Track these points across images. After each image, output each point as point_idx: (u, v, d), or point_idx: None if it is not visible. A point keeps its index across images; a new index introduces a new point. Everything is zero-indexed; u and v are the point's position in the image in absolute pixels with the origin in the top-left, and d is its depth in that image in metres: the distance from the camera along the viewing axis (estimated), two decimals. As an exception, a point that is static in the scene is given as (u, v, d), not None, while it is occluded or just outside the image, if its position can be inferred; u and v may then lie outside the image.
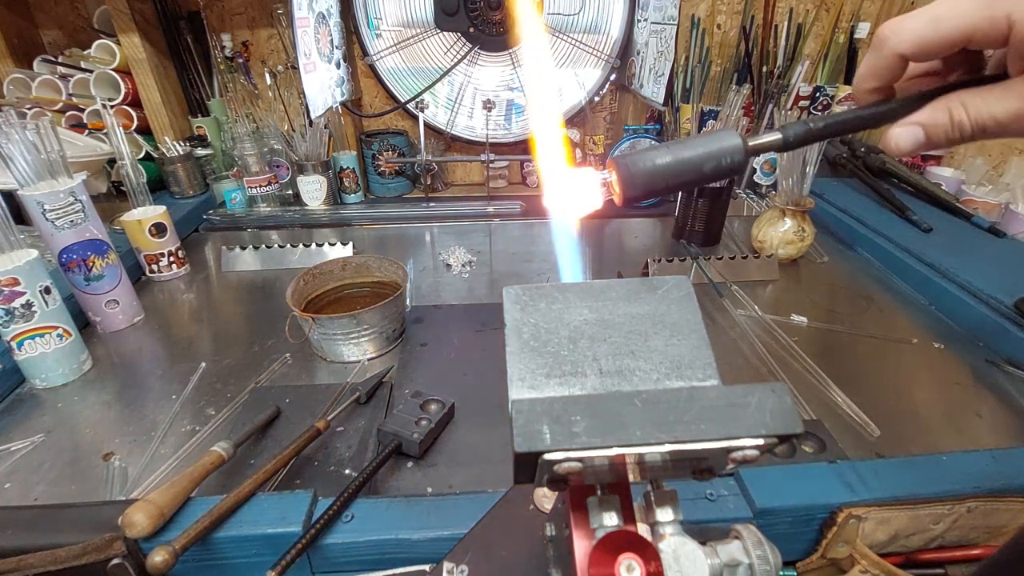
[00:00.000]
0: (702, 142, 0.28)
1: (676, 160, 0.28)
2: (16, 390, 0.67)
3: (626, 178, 0.28)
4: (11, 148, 0.66)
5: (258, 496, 0.47)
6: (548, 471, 0.22)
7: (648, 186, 0.28)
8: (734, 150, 0.28)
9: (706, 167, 0.28)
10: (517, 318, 0.27)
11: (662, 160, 0.28)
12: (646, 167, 0.28)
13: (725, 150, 0.28)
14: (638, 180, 0.28)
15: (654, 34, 1.03)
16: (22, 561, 0.41)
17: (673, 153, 0.28)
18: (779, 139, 0.29)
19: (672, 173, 0.28)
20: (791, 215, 0.90)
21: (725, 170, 0.28)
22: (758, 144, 0.29)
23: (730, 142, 0.28)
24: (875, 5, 1.18)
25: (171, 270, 0.92)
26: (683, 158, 0.28)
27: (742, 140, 0.28)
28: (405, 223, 1.14)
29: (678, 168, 0.28)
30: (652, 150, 0.28)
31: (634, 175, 0.28)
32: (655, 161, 0.28)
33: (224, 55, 1.16)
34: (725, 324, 0.78)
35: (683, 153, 0.28)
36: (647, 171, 0.28)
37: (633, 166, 0.28)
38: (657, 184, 0.28)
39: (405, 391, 0.62)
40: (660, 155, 0.28)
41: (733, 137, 0.28)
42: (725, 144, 0.28)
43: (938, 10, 0.26)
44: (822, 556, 0.46)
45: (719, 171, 0.28)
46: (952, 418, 0.61)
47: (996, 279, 0.79)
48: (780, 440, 0.22)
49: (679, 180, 0.28)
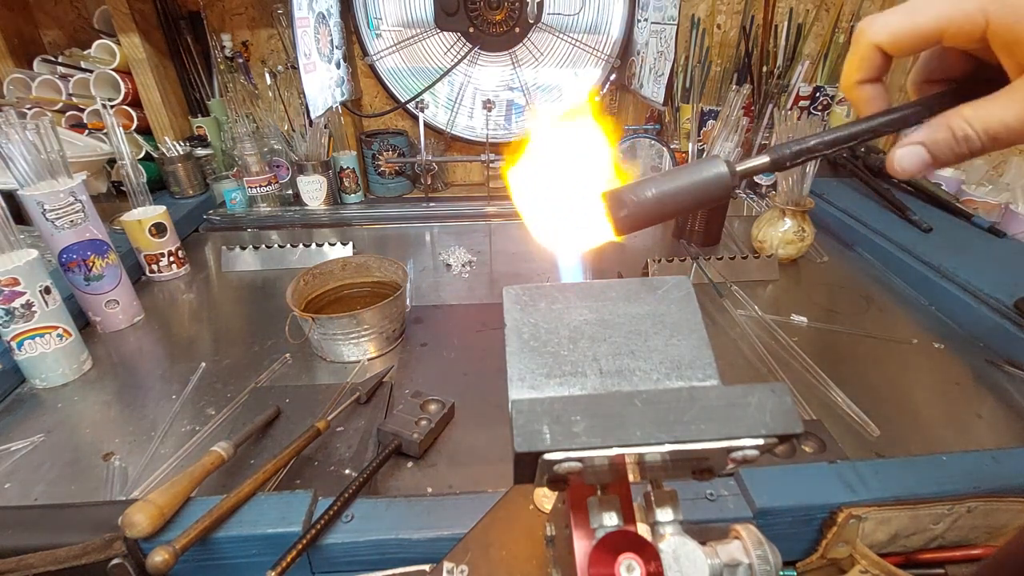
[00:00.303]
0: (688, 173, 0.28)
1: (660, 194, 0.28)
2: (16, 390, 0.67)
3: (615, 215, 0.29)
4: (11, 148, 0.66)
5: (258, 496, 0.47)
6: (548, 471, 0.22)
7: (637, 221, 0.29)
8: (720, 179, 0.28)
9: (692, 198, 0.28)
10: (517, 318, 0.27)
11: (648, 194, 0.28)
12: (635, 203, 0.28)
13: (710, 179, 0.28)
14: (626, 218, 0.28)
15: (654, 34, 1.03)
16: (22, 561, 0.41)
17: (658, 186, 0.28)
18: (767, 162, 0.29)
19: (659, 207, 0.28)
20: (791, 215, 0.90)
21: (713, 199, 0.28)
22: (746, 169, 0.28)
23: (715, 170, 0.28)
24: (875, 5, 1.18)
25: (171, 270, 0.92)
26: (667, 191, 0.28)
27: (728, 168, 0.28)
28: (405, 223, 1.14)
29: (665, 201, 0.28)
30: (638, 185, 0.28)
31: (622, 214, 0.28)
32: (644, 195, 0.28)
33: (224, 55, 1.16)
34: (725, 324, 0.78)
35: (667, 187, 0.28)
36: (635, 207, 0.28)
37: (622, 203, 0.28)
38: (647, 217, 0.28)
39: (405, 391, 0.62)
40: (645, 189, 0.28)
41: (719, 165, 0.28)
42: (710, 173, 0.28)
43: (915, 3, 0.26)
44: (822, 556, 0.46)
45: (706, 201, 0.28)
46: (952, 418, 0.61)
47: (996, 279, 0.79)
48: (780, 440, 0.22)
49: (666, 212, 0.28)
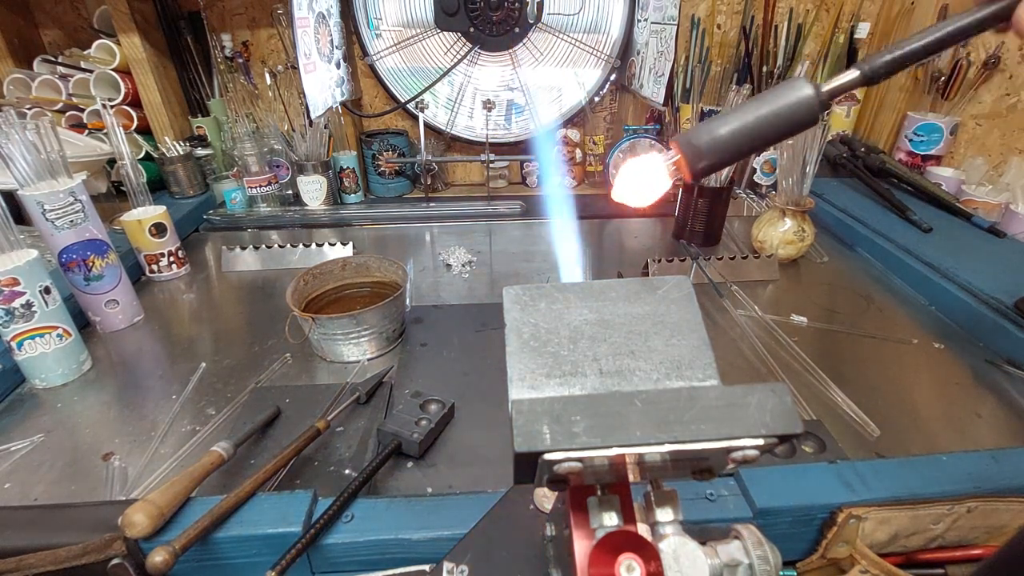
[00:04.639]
0: (768, 100, 0.26)
1: (742, 127, 0.26)
2: (16, 390, 0.67)
3: (690, 155, 0.27)
4: (11, 148, 0.66)
5: (258, 496, 0.47)
6: (548, 471, 0.22)
7: (715, 159, 0.27)
8: (805, 103, 0.25)
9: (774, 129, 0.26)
10: (517, 318, 0.27)
11: (726, 129, 0.26)
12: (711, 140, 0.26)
13: (794, 104, 0.25)
14: (703, 156, 0.26)
15: (654, 34, 1.03)
16: (22, 561, 0.41)
17: (739, 119, 0.26)
18: (857, 76, 0.26)
19: (740, 141, 0.26)
20: (791, 215, 0.90)
21: (798, 125, 0.26)
22: (834, 88, 0.26)
23: (800, 93, 0.25)
24: (875, 5, 1.18)
25: (171, 270, 0.92)
26: (749, 123, 0.26)
27: (814, 89, 0.25)
28: (405, 223, 1.14)
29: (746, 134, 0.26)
30: (713, 121, 0.26)
31: (698, 151, 0.26)
32: (719, 132, 0.26)
33: (224, 55, 1.16)
34: (725, 324, 0.78)
35: (748, 117, 0.26)
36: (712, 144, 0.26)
37: (697, 140, 0.26)
38: (726, 155, 0.27)
39: (405, 391, 0.62)
40: (723, 124, 0.26)
41: (803, 87, 0.25)
42: (793, 98, 0.25)
43: None
44: (822, 556, 0.46)
45: (792, 128, 0.26)
46: (952, 418, 0.61)
47: (996, 279, 0.79)
48: (780, 440, 0.22)
49: (750, 146, 0.26)
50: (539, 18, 1.14)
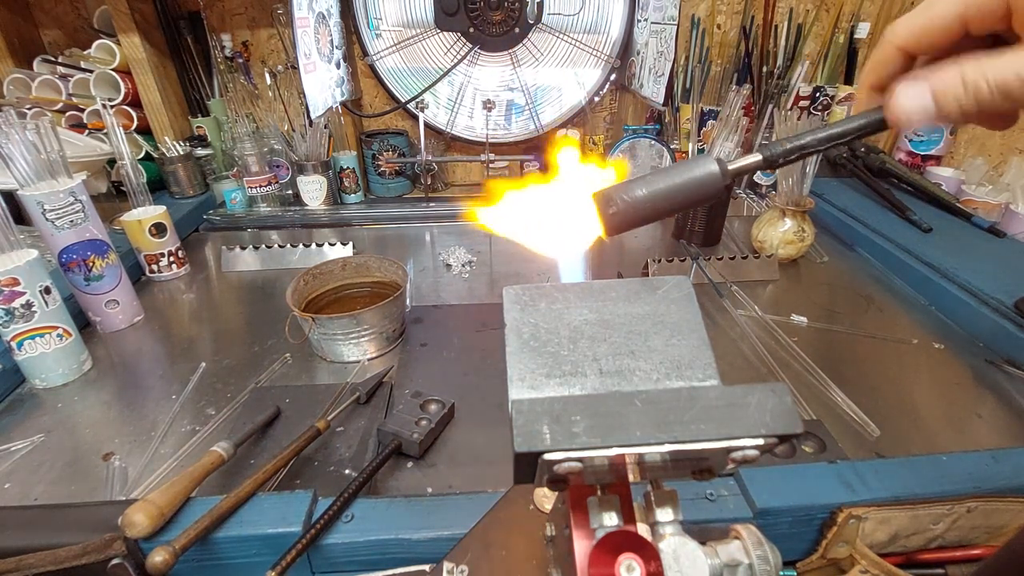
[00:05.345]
0: (679, 172, 0.28)
1: (651, 193, 0.28)
2: (16, 390, 0.67)
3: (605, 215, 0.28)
4: (11, 148, 0.66)
5: (258, 496, 0.47)
6: (548, 471, 0.22)
7: (627, 220, 0.28)
8: (711, 177, 0.27)
9: (684, 196, 0.28)
10: (517, 318, 0.27)
11: (638, 193, 0.28)
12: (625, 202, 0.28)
13: (702, 178, 0.27)
14: (617, 216, 0.28)
15: (654, 34, 1.03)
16: (22, 561, 0.41)
17: (649, 185, 0.28)
18: (759, 160, 0.28)
19: (654, 203, 0.28)
20: (791, 215, 0.90)
21: (705, 197, 0.28)
22: (738, 168, 0.28)
23: (706, 169, 0.27)
24: (875, 5, 1.18)
25: (171, 270, 0.92)
26: (658, 190, 0.28)
27: (719, 166, 0.27)
28: (405, 223, 1.14)
29: (659, 197, 0.28)
30: (629, 184, 0.28)
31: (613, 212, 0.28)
32: (634, 194, 0.28)
33: (224, 55, 1.16)
34: (725, 324, 0.78)
35: (658, 186, 0.28)
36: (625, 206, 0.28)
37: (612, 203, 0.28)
38: (637, 217, 0.28)
39: (405, 391, 0.62)
40: (635, 189, 0.28)
41: (710, 164, 0.27)
42: (701, 172, 0.27)
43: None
44: (822, 556, 0.46)
45: (699, 199, 0.28)
46: (952, 418, 0.61)
47: (996, 279, 0.79)
48: (780, 440, 0.22)
49: (657, 212, 0.28)
50: (539, 18, 1.14)
